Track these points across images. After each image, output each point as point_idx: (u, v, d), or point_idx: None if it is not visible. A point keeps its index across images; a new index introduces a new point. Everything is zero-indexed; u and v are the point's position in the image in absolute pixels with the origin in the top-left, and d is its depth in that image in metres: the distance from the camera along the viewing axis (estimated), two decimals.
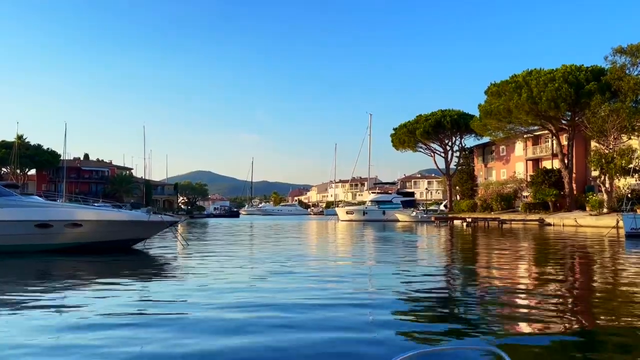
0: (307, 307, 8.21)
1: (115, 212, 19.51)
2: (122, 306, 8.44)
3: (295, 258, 16.11)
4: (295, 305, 8.34)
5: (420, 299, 9.10)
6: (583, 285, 11.22)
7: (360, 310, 8.09)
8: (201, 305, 8.39)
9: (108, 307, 8.36)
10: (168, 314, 7.86)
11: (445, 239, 28.56)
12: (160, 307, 8.42)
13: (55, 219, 17.81)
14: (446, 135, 66.96)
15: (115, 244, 18.85)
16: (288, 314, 7.67)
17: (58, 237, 17.96)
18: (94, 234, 18.36)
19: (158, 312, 7.99)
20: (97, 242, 18.43)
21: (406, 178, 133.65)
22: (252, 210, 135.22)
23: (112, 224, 18.63)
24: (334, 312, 7.84)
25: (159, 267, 14.78)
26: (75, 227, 18.13)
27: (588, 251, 19.54)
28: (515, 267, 14.44)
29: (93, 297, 9.66)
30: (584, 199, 46.28)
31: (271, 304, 8.46)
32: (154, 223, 19.54)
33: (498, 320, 7.54)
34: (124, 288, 10.54)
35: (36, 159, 77.87)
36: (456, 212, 62.38)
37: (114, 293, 9.97)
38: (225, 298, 9.06)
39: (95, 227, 18.39)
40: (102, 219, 18.53)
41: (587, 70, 45.21)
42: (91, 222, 18.30)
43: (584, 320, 7.53)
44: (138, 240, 20.06)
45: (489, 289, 10.34)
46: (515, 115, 47.82)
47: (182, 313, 7.87)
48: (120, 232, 18.88)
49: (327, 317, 7.53)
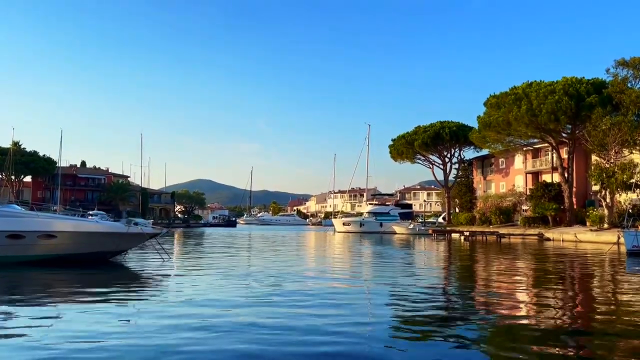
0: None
1: (91, 223, 18.63)
2: (63, 336, 7.57)
3: (278, 278, 15.14)
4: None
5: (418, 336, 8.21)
6: (581, 314, 10.32)
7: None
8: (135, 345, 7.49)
9: (47, 334, 7.49)
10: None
11: (442, 255, 27.68)
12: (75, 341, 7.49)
13: (27, 229, 16.95)
14: (445, 147, 66.22)
15: (91, 256, 17.97)
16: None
17: (31, 248, 17.09)
18: (69, 245, 17.50)
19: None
20: (72, 254, 17.56)
21: (405, 189, 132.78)
22: (250, 219, 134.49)
23: (88, 235, 17.77)
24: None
25: (126, 285, 13.86)
26: (49, 239, 17.27)
27: (588, 272, 18.64)
28: (512, 290, 13.54)
29: (40, 317, 8.78)
30: (584, 214, 45.43)
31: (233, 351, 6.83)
32: (133, 235, 18.69)
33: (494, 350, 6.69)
34: (77, 309, 9.67)
35: (32, 165, 77.18)
36: (454, 224, 61.50)
37: (64, 316, 9.09)
38: (178, 335, 8.15)
39: (70, 239, 17.52)
40: (77, 230, 17.67)
41: (588, 83, 44.52)
42: (66, 233, 17.44)
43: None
44: (116, 252, 19.19)
45: (486, 318, 9.44)
46: (515, 128, 47.07)
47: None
48: (97, 244, 18.01)
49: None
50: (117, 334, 7.59)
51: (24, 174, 79.53)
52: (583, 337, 7.95)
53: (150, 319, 8.81)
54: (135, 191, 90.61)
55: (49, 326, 8.24)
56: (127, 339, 7.30)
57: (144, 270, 17.08)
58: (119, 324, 8.34)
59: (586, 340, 7.69)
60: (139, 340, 7.26)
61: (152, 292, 12.29)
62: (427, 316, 9.42)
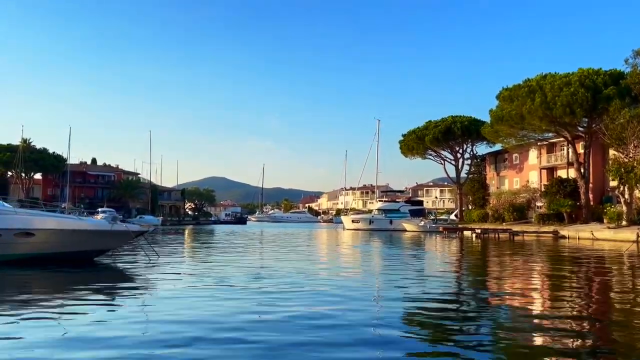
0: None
1: (73, 221, 17.63)
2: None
3: (274, 283, 13.89)
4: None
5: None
6: (601, 331, 9.02)
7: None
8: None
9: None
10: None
11: (448, 256, 26.37)
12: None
13: (3, 227, 16.03)
14: (457, 142, 64.56)
15: (74, 255, 17.01)
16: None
17: (8, 247, 16.15)
18: (48, 244, 16.55)
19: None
20: (52, 253, 16.62)
21: (418, 186, 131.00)
22: (261, 217, 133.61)
23: (69, 233, 16.79)
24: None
25: (100, 287, 12.85)
26: (28, 237, 16.32)
27: (606, 271, 17.23)
28: (527, 293, 12.26)
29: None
30: (601, 211, 43.67)
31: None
32: (117, 233, 17.69)
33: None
34: (34, 315, 8.63)
35: (41, 162, 77.00)
36: (467, 222, 59.92)
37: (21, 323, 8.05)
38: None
39: (50, 237, 16.57)
40: (57, 228, 16.69)
41: (605, 74, 42.61)
42: (45, 232, 16.49)
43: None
44: (101, 251, 18.23)
45: (501, 323, 8.23)
46: (528, 121, 45.34)
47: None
48: (79, 243, 17.03)
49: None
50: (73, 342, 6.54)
51: (34, 171, 79.44)
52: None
53: (111, 328, 7.74)
54: (145, 188, 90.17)
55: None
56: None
57: (126, 271, 16.10)
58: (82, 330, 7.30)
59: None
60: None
61: (124, 296, 11.25)
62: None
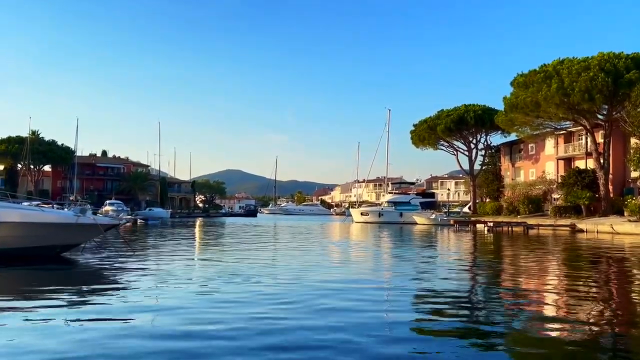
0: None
1: (35, 212, 16.18)
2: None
3: (259, 284, 12.30)
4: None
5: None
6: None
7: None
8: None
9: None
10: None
11: (453, 253, 24.57)
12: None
13: None
14: (470, 132, 62.15)
15: (36, 251, 15.63)
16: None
17: None
18: (7, 238, 15.17)
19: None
20: (12, 248, 15.24)
21: (432, 178, 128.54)
22: (274, 209, 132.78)
23: (29, 226, 15.37)
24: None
25: (52, 288, 11.36)
26: None
27: (628, 268, 15.33)
28: (543, 298, 10.52)
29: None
30: (621, 203, 41.34)
31: None
32: (84, 226, 16.22)
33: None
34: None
35: (50, 154, 76.59)
36: (480, 214, 57.76)
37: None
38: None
39: (8, 231, 15.17)
40: (15, 221, 15.29)
41: (627, 58, 39.99)
42: (2, 225, 15.09)
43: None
44: (67, 246, 16.80)
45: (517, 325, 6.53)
46: (544, 109, 42.96)
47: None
48: (41, 237, 15.61)
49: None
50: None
51: (42, 163, 79.11)
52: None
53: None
54: (155, 180, 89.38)
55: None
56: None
57: (92, 267, 14.68)
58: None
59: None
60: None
61: (82, 296, 9.75)
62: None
